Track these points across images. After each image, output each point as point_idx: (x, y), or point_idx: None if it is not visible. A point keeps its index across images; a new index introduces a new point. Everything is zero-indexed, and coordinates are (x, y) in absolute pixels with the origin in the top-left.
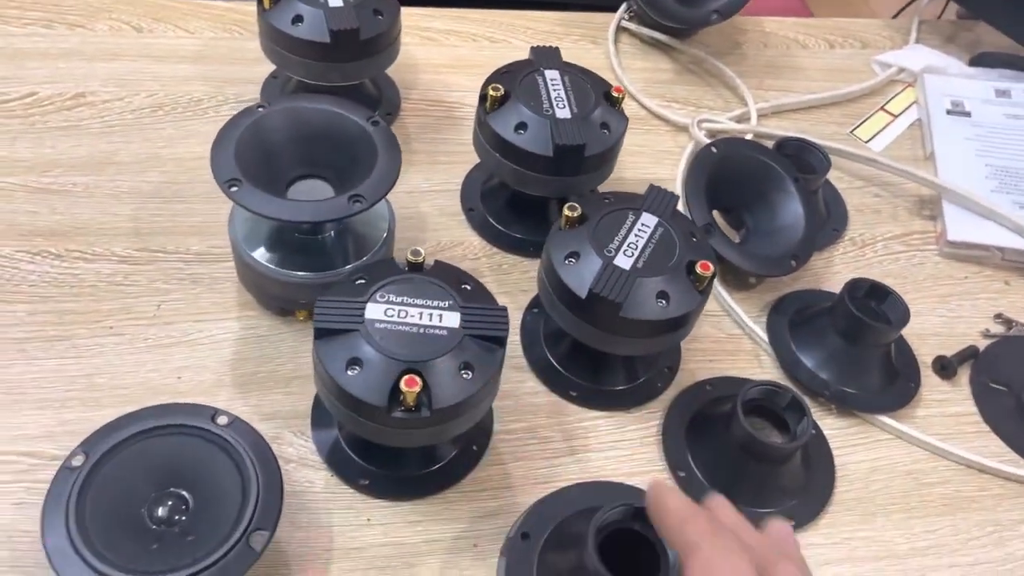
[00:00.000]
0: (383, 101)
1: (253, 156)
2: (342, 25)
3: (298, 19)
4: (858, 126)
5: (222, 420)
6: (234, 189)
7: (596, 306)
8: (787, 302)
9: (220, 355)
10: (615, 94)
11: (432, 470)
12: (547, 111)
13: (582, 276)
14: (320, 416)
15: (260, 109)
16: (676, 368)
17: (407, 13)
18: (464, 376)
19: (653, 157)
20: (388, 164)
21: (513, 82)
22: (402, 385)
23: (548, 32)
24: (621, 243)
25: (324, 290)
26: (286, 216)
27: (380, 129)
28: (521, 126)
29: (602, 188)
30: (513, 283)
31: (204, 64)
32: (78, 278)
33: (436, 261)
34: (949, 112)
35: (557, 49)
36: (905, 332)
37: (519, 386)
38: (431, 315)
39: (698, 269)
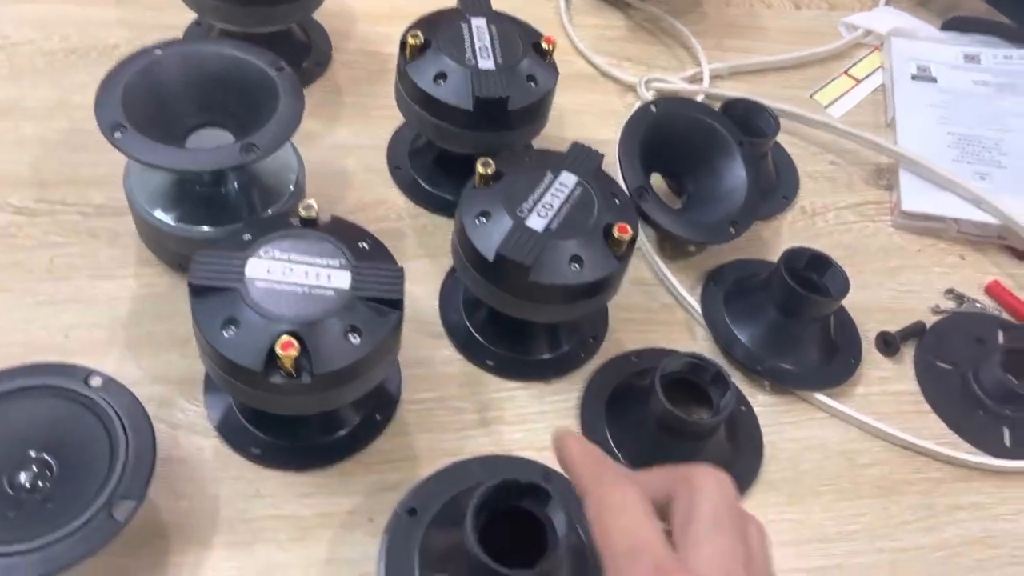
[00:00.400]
0: (313, 51)
1: (146, 101)
2: None
3: None
4: (818, 90)
5: (95, 381)
6: (118, 135)
7: (505, 269)
8: (725, 272)
9: (115, 313)
10: (545, 45)
11: (330, 440)
12: (469, 61)
13: (491, 237)
14: (213, 381)
15: (157, 52)
16: (601, 338)
17: None
18: (351, 340)
19: (599, 117)
20: (288, 112)
21: (435, 30)
22: (277, 348)
23: None
24: (535, 203)
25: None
26: (172, 164)
27: (284, 76)
28: (440, 76)
29: (537, 146)
30: (437, 246)
31: (127, 8)
32: None
33: (333, 217)
34: (915, 77)
35: None
36: (850, 306)
37: (433, 354)
38: (318, 274)
39: (615, 232)
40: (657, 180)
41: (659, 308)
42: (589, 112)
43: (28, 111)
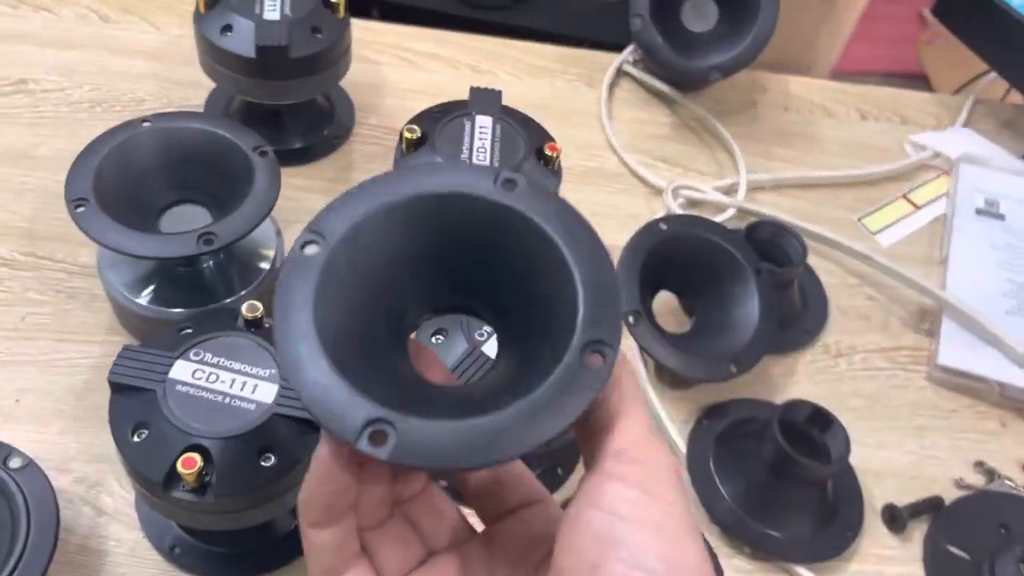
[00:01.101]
0: (334, 122)
1: (122, 174)
2: (270, 41)
3: (227, 29)
4: (869, 214)
5: (15, 463)
6: (80, 210)
7: None
8: (722, 412)
9: (70, 381)
10: (549, 152)
11: (259, 547)
12: (463, 162)
13: None
14: None
15: (145, 124)
16: (569, 471)
17: (389, 31)
18: (263, 461)
19: (619, 221)
20: (256, 203)
21: (436, 124)
22: (179, 464)
23: (540, 67)
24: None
25: (148, 337)
26: (122, 247)
27: (266, 162)
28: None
29: None
30: None
31: (159, 62)
32: None
33: None
34: (980, 211)
35: (499, 93)
36: (859, 466)
37: None
38: (244, 384)
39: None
40: (668, 298)
41: None
42: (610, 214)
43: (38, 160)
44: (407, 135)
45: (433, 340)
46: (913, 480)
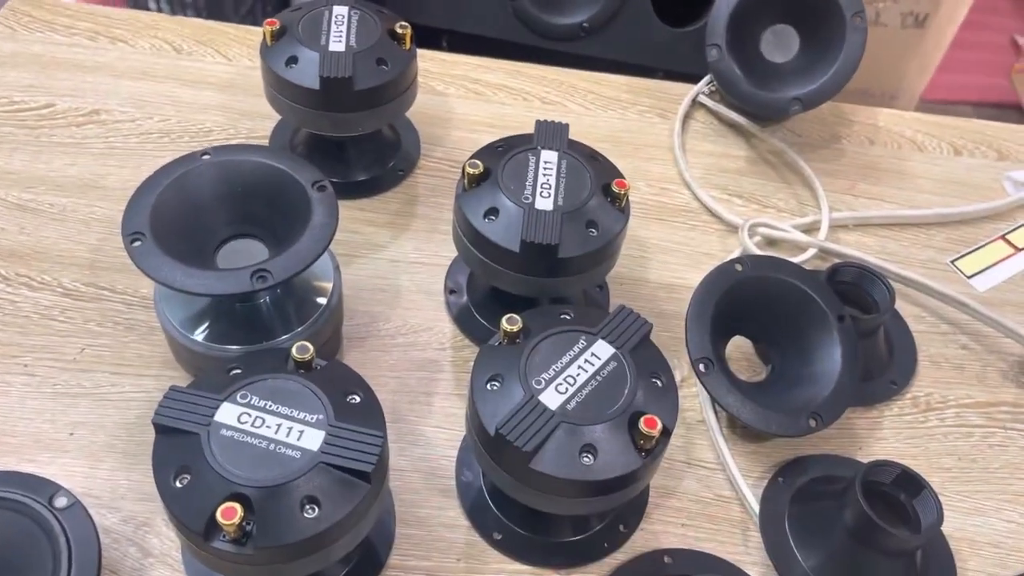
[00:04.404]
0: (400, 154)
1: (180, 208)
2: (334, 72)
3: (292, 60)
4: (963, 256)
5: (60, 502)
6: (136, 244)
7: (504, 449)
8: (800, 468)
9: (124, 416)
10: (616, 188)
11: None
12: (526, 199)
13: (498, 408)
14: None
15: (205, 157)
16: (633, 526)
17: (458, 62)
18: (307, 513)
19: (690, 259)
20: (313, 239)
21: (500, 159)
22: (218, 514)
23: (612, 98)
24: (557, 374)
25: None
26: (178, 285)
27: (324, 196)
28: (492, 212)
29: (611, 281)
30: None
31: (229, 93)
32: (16, 306)
33: (332, 362)
34: None
35: (566, 126)
36: (952, 534)
37: (437, 513)
38: (290, 429)
39: (642, 424)
40: (742, 342)
41: (712, 500)
42: (681, 251)
43: (106, 191)
44: (469, 170)
45: (488, 387)
46: (1013, 553)
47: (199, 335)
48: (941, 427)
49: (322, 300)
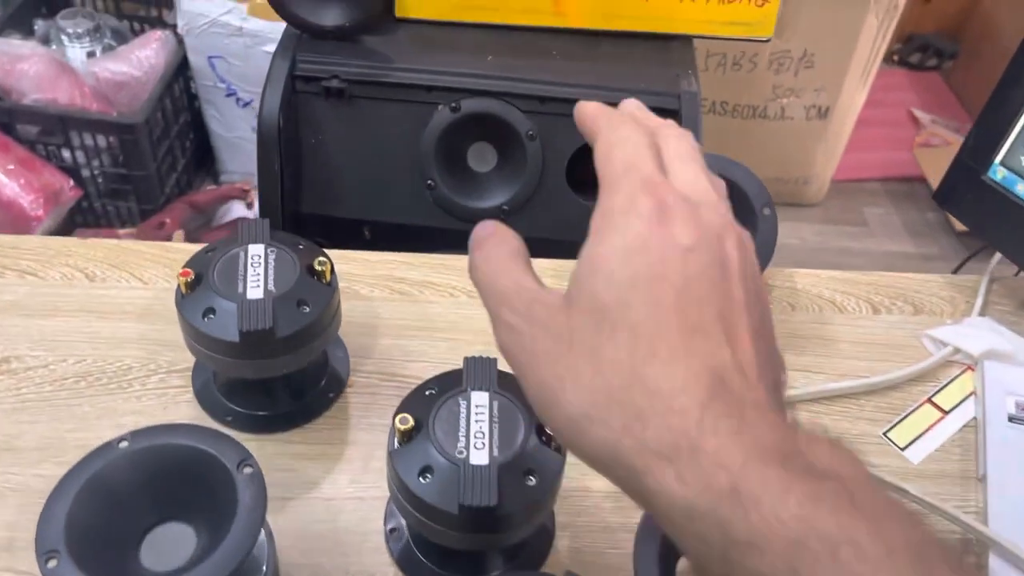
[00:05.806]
0: (328, 374)
1: (99, 505)
2: (254, 325)
3: (210, 311)
4: (895, 425)
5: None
6: (51, 564)
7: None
8: None
9: None
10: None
11: None
12: (460, 453)
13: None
14: None
15: (123, 444)
16: None
17: (380, 261)
18: None
19: None
20: (239, 536)
21: (429, 408)
22: None
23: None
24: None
25: None
26: None
27: (248, 478)
28: (427, 470)
29: None
30: None
31: (148, 322)
32: None
33: None
34: (1012, 418)
35: (493, 361)
36: None
37: None
38: None
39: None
40: None
41: None
42: None
43: (19, 454)
44: (399, 426)
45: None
46: None
47: None
48: None
49: (263, 558)
